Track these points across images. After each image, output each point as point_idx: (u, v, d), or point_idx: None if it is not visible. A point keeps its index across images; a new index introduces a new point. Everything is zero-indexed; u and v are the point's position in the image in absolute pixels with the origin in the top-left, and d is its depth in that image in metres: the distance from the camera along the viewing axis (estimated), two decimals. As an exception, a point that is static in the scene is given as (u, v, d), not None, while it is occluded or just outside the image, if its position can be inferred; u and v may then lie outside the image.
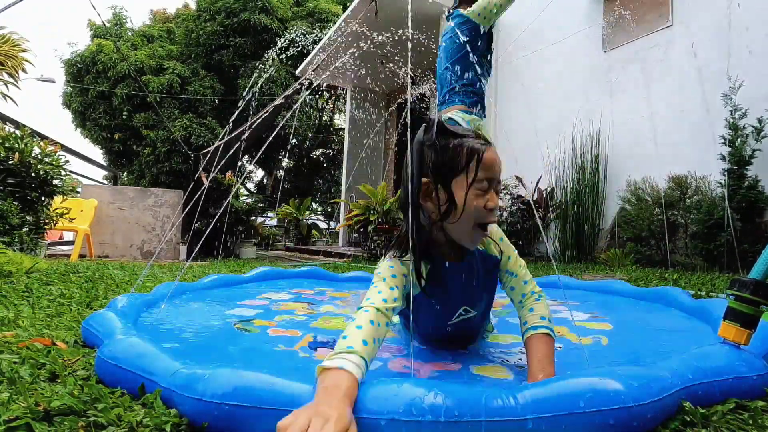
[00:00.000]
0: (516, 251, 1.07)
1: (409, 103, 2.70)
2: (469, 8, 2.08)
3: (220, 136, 9.97)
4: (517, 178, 5.06)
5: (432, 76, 6.07)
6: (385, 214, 5.45)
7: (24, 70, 6.29)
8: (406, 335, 1.17)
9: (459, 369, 1.00)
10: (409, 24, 5.73)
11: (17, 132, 3.66)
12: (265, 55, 10.42)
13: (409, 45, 6.13)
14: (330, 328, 1.37)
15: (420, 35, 5.84)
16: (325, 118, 15.08)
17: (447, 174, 0.92)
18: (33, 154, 3.56)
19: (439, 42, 2.13)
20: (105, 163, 13.48)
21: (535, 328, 0.95)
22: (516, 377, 0.95)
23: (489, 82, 2.35)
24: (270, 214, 12.75)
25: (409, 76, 7.01)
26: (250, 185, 17.27)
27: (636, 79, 4.18)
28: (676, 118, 3.84)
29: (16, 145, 3.45)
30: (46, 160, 3.64)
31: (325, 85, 8.85)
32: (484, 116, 2.17)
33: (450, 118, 1.96)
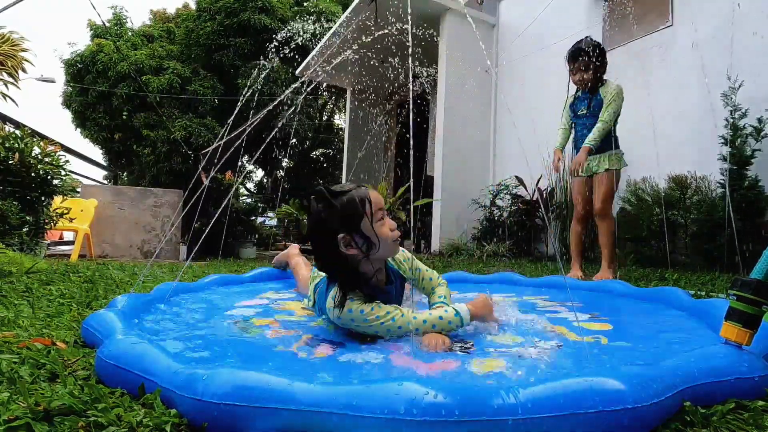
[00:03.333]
0: (422, 265, 1.44)
1: (410, 103, 2.74)
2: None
3: (219, 136, 9.97)
4: (517, 178, 5.06)
5: (432, 75, 6.08)
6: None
7: (24, 70, 6.29)
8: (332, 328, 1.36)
9: (458, 366, 1.00)
10: (410, 25, 5.73)
11: (17, 132, 3.66)
12: (264, 54, 10.41)
13: (410, 45, 6.13)
14: (330, 327, 1.36)
15: (420, 34, 5.84)
16: (325, 118, 15.08)
17: (354, 222, 1.17)
18: (33, 154, 3.56)
19: None
20: (105, 163, 13.48)
21: (434, 304, 1.33)
22: (515, 372, 0.95)
23: (490, 81, 2.43)
24: (270, 214, 12.74)
25: (410, 75, 7.01)
26: (250, 185, 17.27)
27: (636, 79, 4.18)
28: (676, 118, 3.84)
29: (16, 145, 3.45)
30: (46, 160, 3.64)
31: (325, 84, 8.85)
32: None
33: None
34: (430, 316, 1.19)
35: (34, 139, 3.69)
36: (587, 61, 2.72)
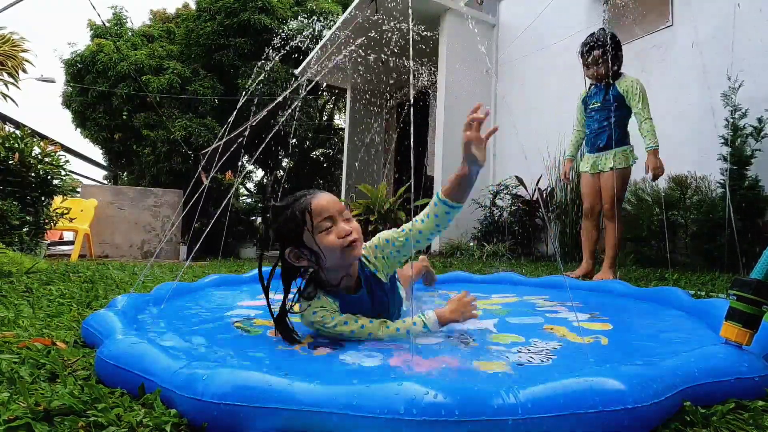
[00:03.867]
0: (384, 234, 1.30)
1: (410, 102, 2.73)
2: None
3: (219, 136, 9.97)
4: (517, 178, 5.06)
5: (431, 75, 6.07)
6: (385, 214, 5.45)
7: (24, 70, 6.29)
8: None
9: (459, 365, 1.00)
10: (410, 25, 5.74)
11: (17, 132, 3.67)
12: (264, 54, 10.41)
13: (410, 45, 6.13)
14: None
15: (420, 34, 5.84)
16: (325, 118, 15.08)
17: (295, 236, 1.14)
18: (33, 154, 3.56)
19: None
20: (105, 163, 13.48)
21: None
22: (515, 371, 0.95)
23: (490, 81, 2.41)
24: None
25: (409, 75, 7.01)
26: (250, 185, 17.27)
27: (636, 79, 4.18)
28: (676, 118, 3.84)
29: (16, 145, 3.45)
30: (46, 160, 3.64)
31: (325, 84, 8.85)
32: None
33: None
34: (396, 332, 1.20)
35: (34, 139, 3.69)
36: (601, 54, 2.63)
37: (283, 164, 15.15)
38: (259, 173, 17.24)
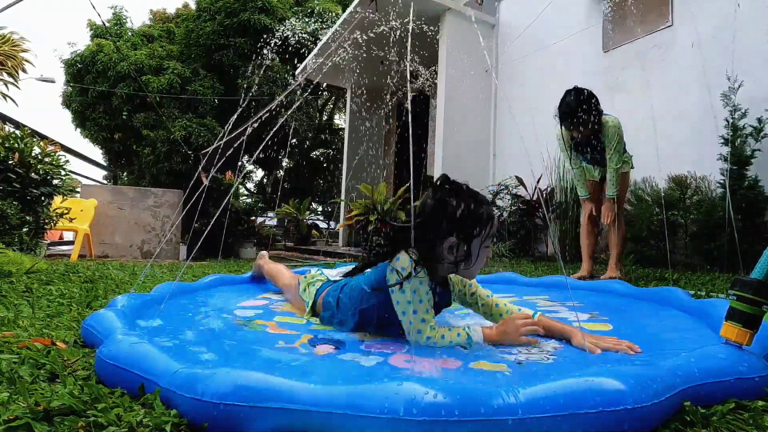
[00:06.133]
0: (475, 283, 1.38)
1: (410, 103, 2.72)
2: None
3: (219, 136, 9.97)
4: (517, 178, 5.06)
5: (431, 75, 6.07)
6: (385, 214, 5.45)
7: (24, 70, 6.29)
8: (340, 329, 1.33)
9: (459, 366, 1.00)
10: (410, 24, 5.73)
11: (17, 132, 3.66)
12: (264, 54, 10.41)
13: (410, 45, 6.13)
14: (330, 328, 1.36)
15: (420, 34, 5.84)
16: (325, 118, 15.08)
17: (471, 235, 1.15)
18: (33, 154, 3.56)
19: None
20: (105, 163, 13.48)
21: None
22: (514, 373, 0.95)
23: (490, 81, 2.37)
24: (270, 214, 12.74)
25: (408, 75, 7.01)
26: (250, 185, 17.27)
27: (636, 79, 4.18)
28: (676, 118, 3.83)
29: (16, 145, 3.45)
30: (46, 160, 3.64)
31: (325, 84, 8.84)
32: None
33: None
34: (441, 339, 1.15)
35: (34, 139, 3.69)
36: (579, 118, 2.57)
37: (283, 164, 15.14)
38: (259, 173, 17.25)
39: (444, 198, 1.16)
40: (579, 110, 2.57)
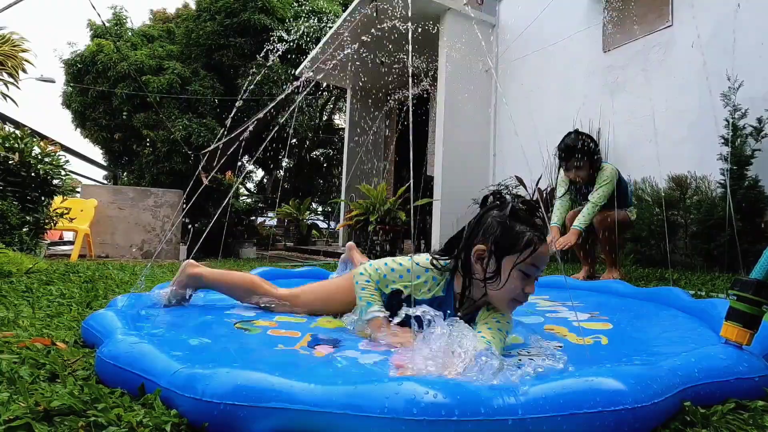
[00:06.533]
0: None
1: (410, 103, 2.71)
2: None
3: (218, 136, 9.97)
4: (517, 178, 5.06)
5: (431, 74, 6.07)
6: (385, 214, 5.45)
7: (24, 70, 6.27)
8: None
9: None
10: (410, 24, 5.73)
11: (17, 132, 3.66)
12: (264, 54, 10.41)
13: (410, 45, 6.13)
14: (330, 327, 1.36)
15: (420, 34, 5.84)
16: (325, 118, 15.08)
17: (503, 250, 1.08)
18: (33, 154, 3.56)
19: None
20: (105, 163, 13.48)
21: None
22: (514, 371, 0.95)
23: (490, 81, 2.34)
24: (270, 214, 12.74)
25: (409, 75, 7.01)
26: (250, 185, 17.27)
27: (636, 79, 4.18)
28: (676, 118, 3.83)
29: (16, 145, 3.45)
30: (46, 160, 3.64)
31: (325, 84, 8.84)
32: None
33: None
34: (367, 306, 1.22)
35: (34, 139, 3.69)
36: (579, 160, 2.58)
37: (283, 164, 15.14)
38: (259, 173, 17.25)
39: (485, 214, 1.15)
40: (577, 151, 2.57)
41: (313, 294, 1.54)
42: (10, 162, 3.37)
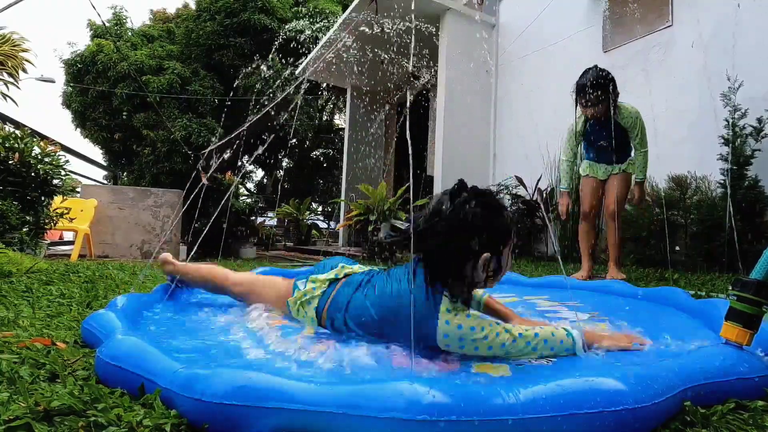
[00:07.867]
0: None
1: (410, 102, 2.72)
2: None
3: (218, 137, 9.97)
4: (517, 178, 5.06)
5: (431, 75, 6.07)
6: (385, 214, 5.45)
7: (24, 70, 6.27)
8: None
9: (459, 368, 1.00)
10: (411, 24, 5.73)
11: (17, 132, 3.66)
12: (264, 54, 10.41)
13: (411, 45, 6.13)
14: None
15: (420, 34, 5.84)
16: (325, 118, 15.07)
17: (499, 243, 1.04)
18: (33, 154, 3.55)
19: None
20: (105, 163, 13.47)
21: None
22: (515, 375, 0.95)
23: (490, 81, 2.39)
24: (270, 214, 12.74)
25: (409, 75, 7.01)
26: (250, 185, 17.27)
27: (636, 79, 4.17)
28: (676, 118, 3.83)
29: (16, 145, 3.44)
30: (46, 160, 3.64)
31: (325, 84, 8.85)
32: None
33: None
34: (544, 344, 1.03)
35: (34, 139, 3.69)
36: (597, 94, 2.56)
37: (283, 164, 15.14)
38: (259, 173, 17.24)
39: (468, 211, 1.01)
40: (597, 85, 2.57)
41: (251, 285, 1.52)
42: (10, 162, 3.37)
